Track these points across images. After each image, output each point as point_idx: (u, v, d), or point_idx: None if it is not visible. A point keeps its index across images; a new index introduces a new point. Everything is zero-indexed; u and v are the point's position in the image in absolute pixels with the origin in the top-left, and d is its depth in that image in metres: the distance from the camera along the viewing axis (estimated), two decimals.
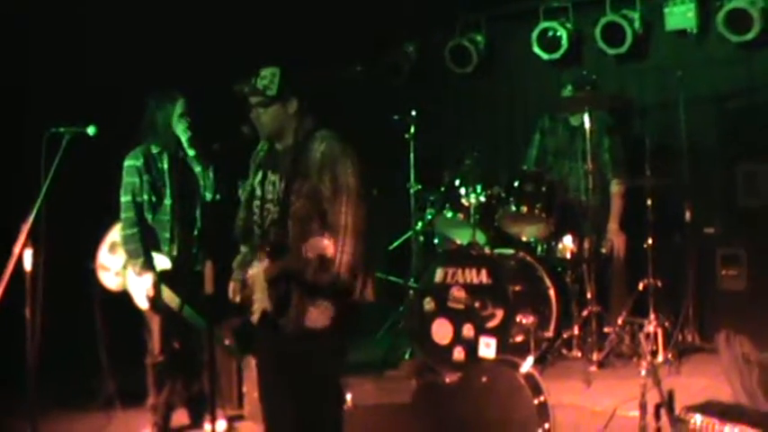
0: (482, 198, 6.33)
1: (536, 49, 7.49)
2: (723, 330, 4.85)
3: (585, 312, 6.12)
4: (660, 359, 5.93)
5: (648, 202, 6.24)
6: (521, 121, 7.82)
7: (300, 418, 3.72)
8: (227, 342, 5.29)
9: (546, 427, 4.28)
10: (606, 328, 6.23)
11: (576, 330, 6.13)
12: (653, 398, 4.03)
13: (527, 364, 4.49)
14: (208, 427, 5.02)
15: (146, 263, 4.96)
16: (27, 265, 4.36)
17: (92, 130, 4.57)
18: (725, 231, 6.48)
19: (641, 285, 6.22)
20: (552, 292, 6.23)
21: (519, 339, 5.94)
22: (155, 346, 5.11)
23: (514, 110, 8.01)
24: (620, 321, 6.23)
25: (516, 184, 6.31)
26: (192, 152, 5.14)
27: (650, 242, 6.22)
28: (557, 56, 7.46)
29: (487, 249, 6.29)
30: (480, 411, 4.41)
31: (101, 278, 5.16)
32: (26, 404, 4.45)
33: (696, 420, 3.86)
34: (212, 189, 5.17)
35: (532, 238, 6.58)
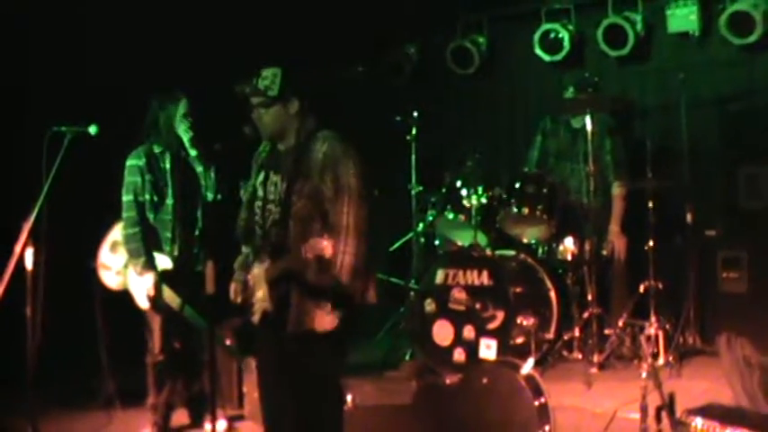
0: (483, 199, 6.33)
1: (538, 50, 7.48)
2: (724, 333, 4.85)
3: (586, 314, 6.11)
4: (661, 361, 5.92)
5: (650, 205, 6.23)
6: (522, 123, 7.80)
7: (301, 419, 3.72)
8: (227, 342, 5.30)
9: (546, 428, 4.28)
10: (607, 330, 6.23)
11: (577, 332, 6.12)
12: (654, 400, 4.03)
13: (528, 366, 4.49)
14: (208, 426, 5.01)
15: (147, 262, 4.96)
16: (28, 264, 4.37)
17: (93, 130, 4.58)
18: (726, 234, 6.47)
19: (642, 287, 6.22)
20: (553, 294, 6.23)
21: (520, 341, 5.94)
22: (155, 346, 5.10)
23: (516, 111, 7.99)
24: (620, 323, 6.22)
25: (517, 185, 6.30)
26: (194, 152, 5.15)
27: (651, 244, 6.21)
28: (558, 57, 7.45)
29: (488, 251, 6.29)
30: (481, 413, 4.41)
31: (102, 277, 5.16)
32: (26, 403, 4.46)
33: (697, 423, 3.87)
34: (213, 189, 5.17)
35: (533, 240, 6.58)
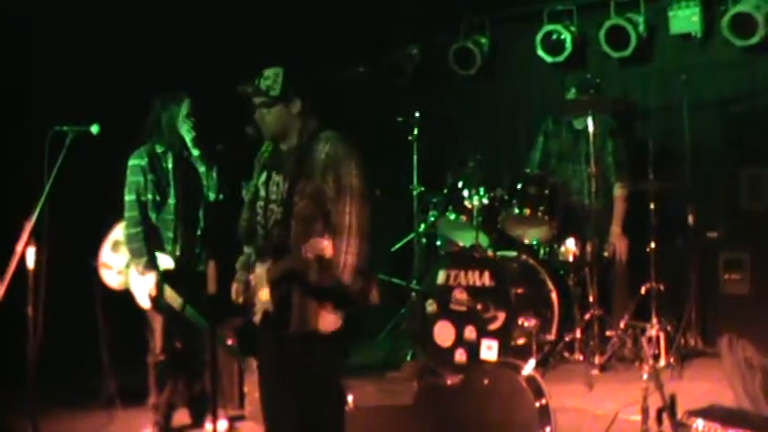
0: (485, 200, 6.33)
1: (540, 51, 7.48)
2: (726, 335, 4.84)
3: (588, 316, 6.11)
4: (662, 363, 5.92)
5: (651, 206, 6.23)
6: (524, 124, 7.79)
7: (302, 419, 3.71)
8: (228, 342, 5.29)
9: (547, 430, 4.28)
10: (608, 332, 6.23)
11: (578, 334, 6.13)
12: (655, 402, 4.01)
13: (529, 367, 4.49)
14: (209, 426, 5.01)
15: (149, 262, 4.96)
16: (30, 263, 4.37)
17: (95, 129, 4.58)
18: (728, 235, 6.47)
19: (644, 289, 6.22)
20: (554, 295, 6.23)
21: (521, 342, 5.94)
22: (156, 346, 5.10)
23: (518, 112, 7.99)
24: (622, 325, 6.22)
25: (519, 186, 6.30)
26: (197, 152, 5.14)
27: (653, 246, 6.21)
28: (560, 59, 7.45)
29: (490, 252, 6.29)
30: (482, 414, 4.41)
31: (103, 276, 5.16)
32: (27, 402, 4.46)
33: (698, 425, 3.85)
34: (215, 189, 5.16)
35: (535, 241, 6.58)
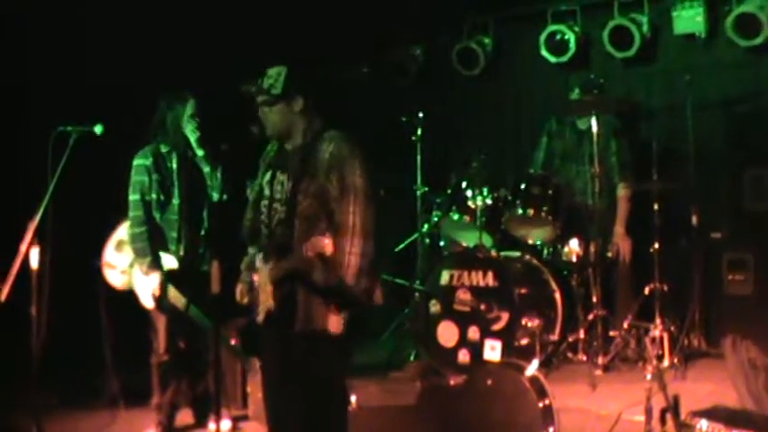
0: (488, 201, 6.33)
1: (543, 51, 7.47)
2: (729, 335, 4.84)
3: (591, 316, 6.11)
4: (666, 363, 5.91)
5: (655, 206, 6.23)
6: (527, 124, 7.79)
7: (305, 419, 3.71)
8: (232, 342, 5.29)
9: (551, 430, 4.27)
10: (612, 332, 6.23)
11: (582, 334, 6.12)
12: (658, 402, 4.00)
13: (532, 368, 4.49)
14: (212, 426, 5.04)
15: (153, 262, 4.96)
16: (33, 263, 4.37)
17: (99, 129, 4.58)
18: (732, 236, 6.46)
19: (647, 289, 6.21)
20: (558, 296, 6.23)
21: (524, 342, 5.93)
22: (160, 346, 5.11)
23: (521, 112, 7.98)
24: (625, 325, 6.21)
25: (523, 186, 6.30)
26: (201, 152, 5.15)
27: (656, 246, 6.21)
28: (564, 59, 7.44)
29: (493, 252, 6.28)
30: (485, 414, 4.40)
31: (107, 276, 5.16)
32: (31, 402, 4.46)
33: (702, 425, 3.85)
34: (219, 189, 5.16)
35: (538, 242, 6.57)
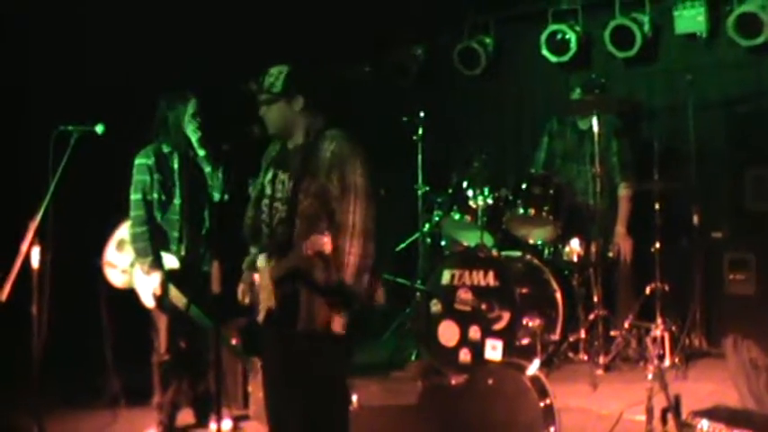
0: (489, 200, 6.32)
1: (545, 51, 7.46)
2: (730, 335, 4.85)
3: (592, 316, 6.11)
4: (667, 363, 5.91)
5: (656, 206, 6.23)
6: (529, 124, 7.78)
7: (306, 419, 3.71)
8: (233, 342, 5.29)
9: (552, 430, 4.27)
10: (613, 332, 6.22)
11: (583, 334, 6.11)
12: (659, 402, 4.01)
13: (533, 367, 4.48)
14: (213, 426, 5.04)
15: (154, 262, 4.96)
16: (34, 262, 4.37)
17: (100, 129, 4.58)
18: (733, 235, 6.45)
19: (648, 289, 6.21)
20: (559, 296, 6.22)
21: (525, 342, 5.93)
22: (161, 345, 5.10)
23: (522, 112, 7.98)
24: (626, 325, 6.21)
25: (524, 186, 6.30)
26: (203, 152, 5.15)
27: (657, 246, 6.21)
28: (565, 58, 7.43)
29: (494, 252, 6.28)
30: (486, 413, 4.40)
31: (107, 275, 5.16)
32: (32, 401, 4.46)
33: (703, 425, 3.85)
34: (220, 190, 5.16)
35: (539, 241, 6.57)
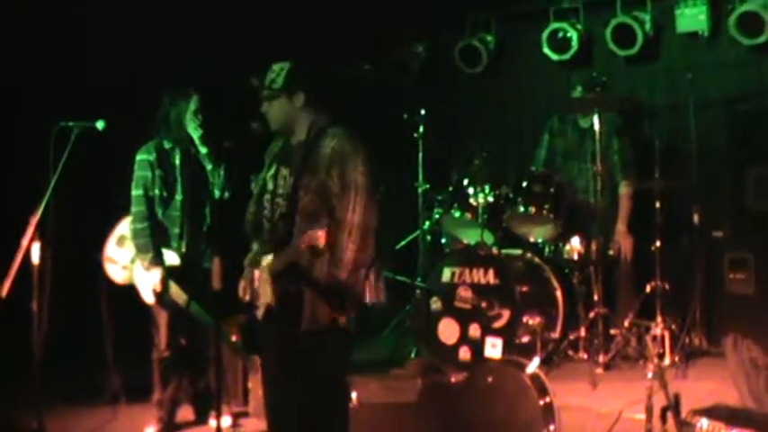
0: (490, 198, 6.32)
1: (546, 49, 7.46)
2: (730, 334, 4.84)
3: (592, 314, 6.11)
4: (667, 362, 5.91)
5: (657, 205, 6.23)
6: (530, 122, 7.78)
7: (307, 416, 3.71)
8: (233, 339, 5.30)
9: (551, 428, 4.27)
10: (613, 331, 6.22)
11: (583, 332, 6.12)
12: (659, 401, 4.00)
13: (533, 365, 4.48)
14: (213, 423, 5.04)
15: (155, 258, 4.96)
16: (35, 258, 4.38)
17: (100, 125, 4.59)
18: (733, 235, 6.45)
19: (648, 288, 6.22)
20: (559, 294, 6.22)
21: (525, 340, 5.93)
22: (161, 342, 5.11)
23: (523, 110, 7.98)
24: (626, 324, 6.22)
25: (524, 184, 6.29)
26: (204, 150, 5.15)
27: (658, 245, 6.21)
28: (567, 57, 7.43)
29: (495, 250, 6.28)
30: (486, 411, 4.40)
31: (107, 271, 5.17)
32: (32, 398, 4.47)
33: (702, 424, 3.85)
34: (221, 187, 5.16)
35: (540, 239, 6.57)
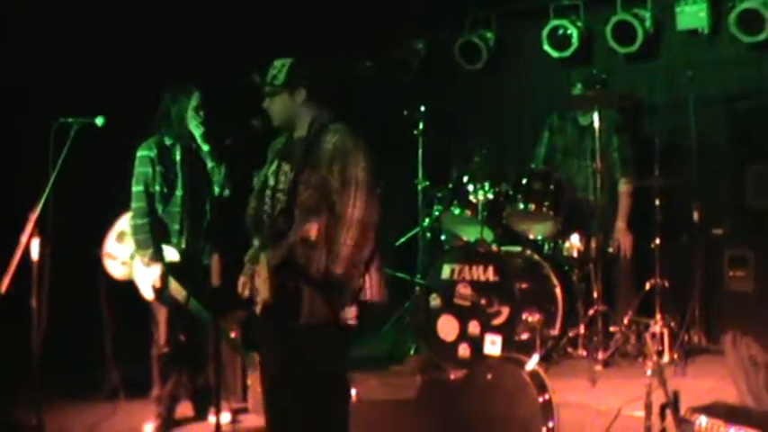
0: (490, 195, 6.32)
1: (546, 46, 7.46)
2: (729, 332, 4.84)
3: (591, 311, 6.11)
4: (666, 359, 5.91)
5: (656, 202, 6.22)
6: (529, 119, 7.78)
7: (306, 413, 3.71)
8: (232, 335, 5.30)
9: (550, 425, 4.27)
10: (612, 328, 6.23)
11: (582, 329, 6.12)
12: (658, 398, 4.00)
13: (532, 362, 4.48)
14: (212, 419, 5.04)
15: (154, 254, 4.95)
16: (34, 254, 4.37)
17: (100, 121, 4.58)
18: (733, 232, 6.45)
19: (648, 285, 6.21)
20: (558, 291, 6.22)
21: (524, 337, 5.93)
22: (160, 338, 5.11)
23: (523, 107, 7.98)
24: (626, 321, 6.22)
25: (524, 181, 6.29)
26: (206, 147, 5.14)
27: (657, 242, 6.20)
28: (567, 54, 7.42)
29: (494, 247, 6.28)
30: (485, 408, 4.40)
31: (107, 267, 5.16)
32: (31, 394, 4.46)
33: (701, 421, 3.85)
34: (221, 185, 5.15)
35: (540, 237, 6.57)
